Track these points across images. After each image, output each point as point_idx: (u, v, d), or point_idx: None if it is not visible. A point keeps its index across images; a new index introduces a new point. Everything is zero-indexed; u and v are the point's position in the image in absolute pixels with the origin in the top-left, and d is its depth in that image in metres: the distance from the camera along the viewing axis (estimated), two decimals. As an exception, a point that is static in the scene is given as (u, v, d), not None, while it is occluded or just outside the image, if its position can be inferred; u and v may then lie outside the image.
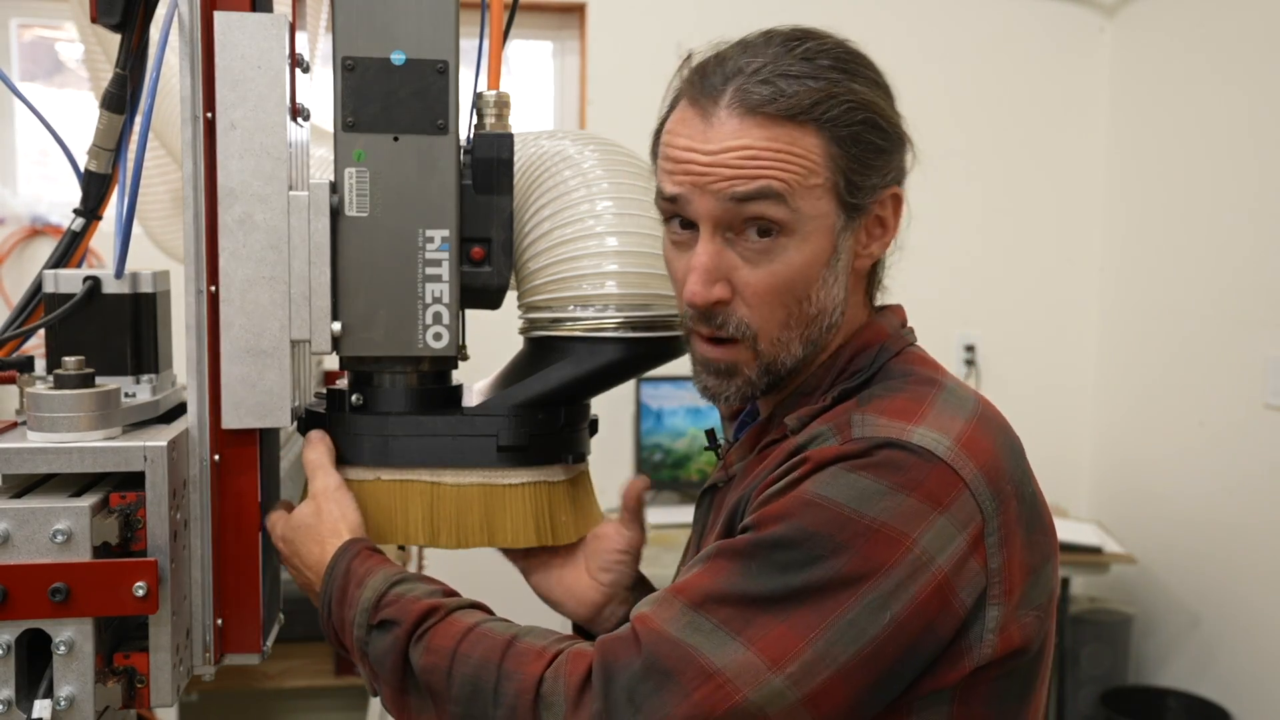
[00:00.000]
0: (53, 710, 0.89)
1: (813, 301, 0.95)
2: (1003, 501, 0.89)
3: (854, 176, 0.94)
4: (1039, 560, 0.93)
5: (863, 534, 0.84)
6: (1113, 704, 3.11)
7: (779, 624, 0.84)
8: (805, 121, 0.92)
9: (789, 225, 0.92)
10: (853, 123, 0.93)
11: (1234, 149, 3.04)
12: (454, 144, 1.02)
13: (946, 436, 0.89)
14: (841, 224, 0.95)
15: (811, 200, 0.93)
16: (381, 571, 0.97)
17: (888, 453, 0.87)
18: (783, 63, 0.93)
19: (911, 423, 0.89)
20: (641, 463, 3.39)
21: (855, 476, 0.86)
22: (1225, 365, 3.03)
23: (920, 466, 0.87)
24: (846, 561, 0.84)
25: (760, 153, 0.91)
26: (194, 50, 0.97)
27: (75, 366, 0.95)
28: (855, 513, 0.85)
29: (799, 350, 0.97)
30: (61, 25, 3.32)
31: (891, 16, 3.40)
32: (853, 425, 0.90)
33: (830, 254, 0.95)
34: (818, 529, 0.85)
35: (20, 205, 3.22)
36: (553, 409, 1.08)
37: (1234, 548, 3.00)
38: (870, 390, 0.95)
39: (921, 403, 0.92)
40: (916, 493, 0.86)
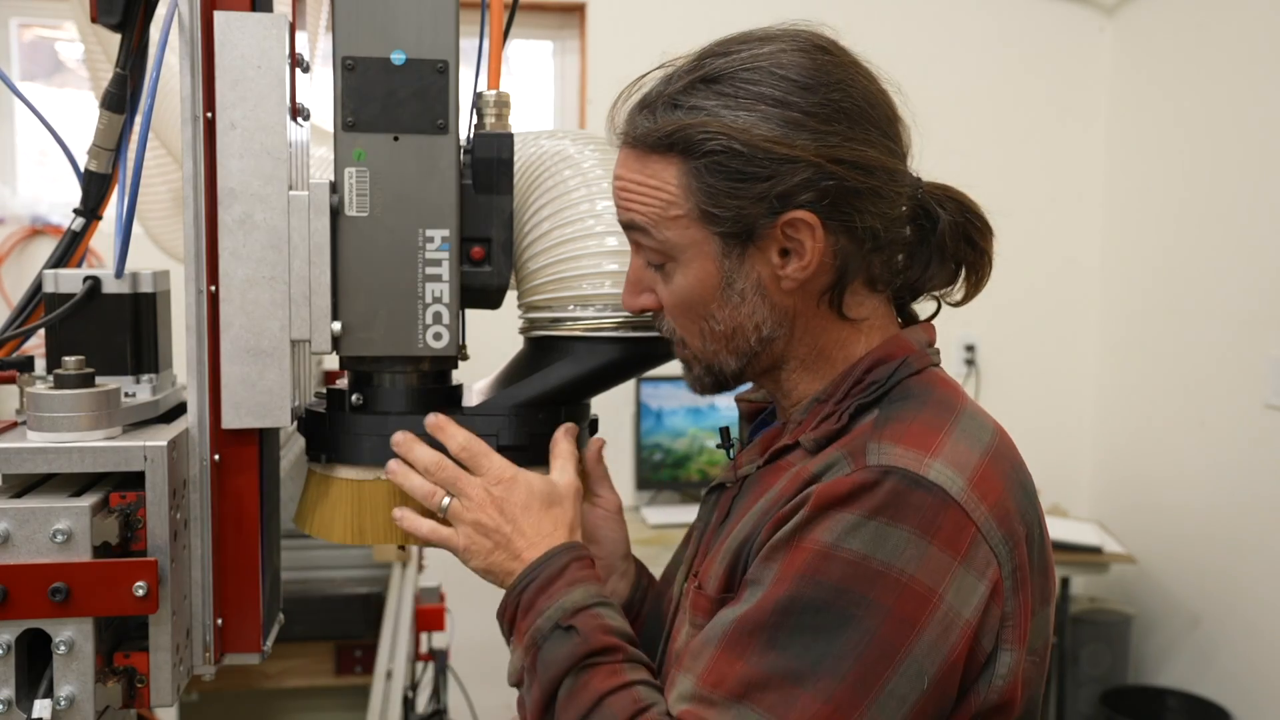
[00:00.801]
0: (53, 710, 0.89)
1: (718, 320, 0.97)
2: (1015, 545, 0.89)
3: (719, 203, 0.93)
4: (1040, 603, 0.93)
5: (892, 589, 0.84)
6: (1113, 704, 3.11)
7: (823, 705, 0.82)
8: (665, 151, 0.94)
9: (666, 254, 0.96)
10: (707, 151, 0.92)
11: (1234, 149, 3.04)
12: (454, 144, 1.02)
13: (961, 475, 0.88)
14: (722, 249, 0.95)
15: (678, 230, 0.95)
16: (595, 585, 0.98)
17: (898, 486, 0.86)
18: (672, 89, 0.95)
19: (928, 454, 0.88)
20: (641, 463, 3.39)
21: (876, 524, 0.85)
22: (1225, 365, 3.03)
23: (935, 508, 0.86)
24: (881, 621, 0.83)
25: (628, 184, 0.97)
26: (194, 50, 0.97)
27: (75, 366, 0.95)
28: (883, 565, 0.84)
29: (731, 361, 0.99)
30: (61, 25, 3.32)
31: (892, 17, 3.40)
32: (868, 453, 0.89)
33: (719, 278, 0.95)
34: (844, 584, 0.84)
35: (20, 205, 3.22)
36: (553, 409, 1.08)
37: (1234, 547, 3.00)
38: (888, 410, 0.94)
39: (938, 431, 0.91)
40: (937, 540, 0.85)
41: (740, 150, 0.92)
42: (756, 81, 0.93)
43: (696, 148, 0.92)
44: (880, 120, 0.96)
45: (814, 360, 1.00)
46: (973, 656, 0.87)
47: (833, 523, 0.86)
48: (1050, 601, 0.95)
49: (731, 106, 0.93)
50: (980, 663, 0.88)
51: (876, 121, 0.96)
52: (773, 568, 0.87)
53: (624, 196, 0.97)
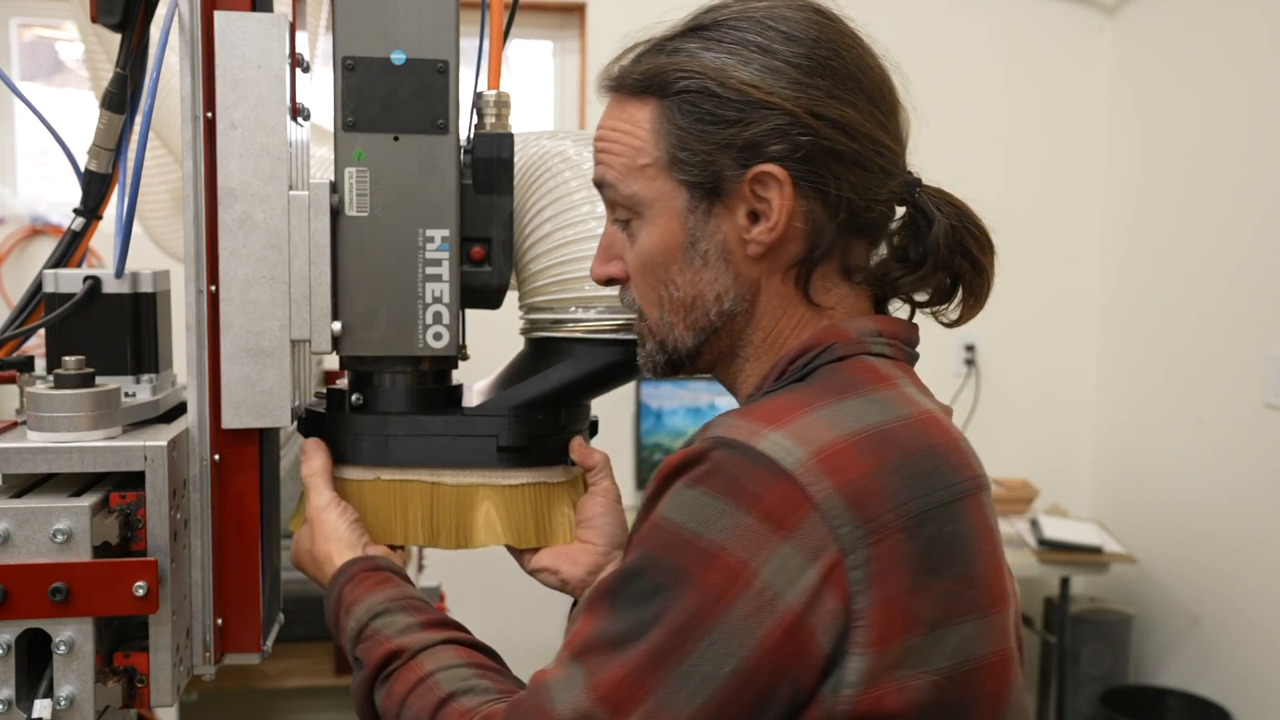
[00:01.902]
0: (53, 710, 0.89)
1: (678, 286, 0.92)
2: (875, 531, 0.77)
3: (681, 151, 0.89)
4: (942, 615, 0.79)
5: (699, 558, 0.78)
6: (1113, 704, 3.11)
7: (621, 668, 0.78)
8: (642, 93, 0.91)
9: (633, 209, 0.93)
10: (681, 90, 0.89)
11: (1234, 149, 3.04)
12: (454, 144, 1.02)
13: (803, 447, 0.79)
14: (687, 205, 0.90)
15: (644, 182, 0.91)
16: (366, 600, 0.97)
17: (722, 456, 0.80)
18: (660, 37, 0.94)
19: (771, 425, 0.80)
20: (641, 463, 3.39)
21: (695, 492, 0.80)
22: (1225, 365, 3.03)
23: (760, 478, 0.78)
24: (685, 591, 0.78)
25: (606, 134, 0.94)
26: (194, 50, 0.97)
27: (75, 366, 0.95)
28: (693, 534, 0.78)
29: (685, 335, 0.93)
30: (61, 25, 3.32)
31: (892, 17, 3.40)
32: (712, 426, 0.84)
33: (682, 236, 0.91)
34: (660, 554, 0.80)
35: (20, 205, 3.22)
36: (553, 410, 1.08)
37: (1234, 547, 3.00)
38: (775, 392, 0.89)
39: (799, 407, 0.83)
40: (756, 510, 0.77)
41: (713, 90, 0.88)
42: (743, 29, 0.90)
43: (670, 86, 0.89)
44: (872, 91, 0.91)
45: (766, 347, 0.93)
46: (805, 653, 0.77)
47: (668, 494, 0.82)
48: (976, 618, 0.81)
49: (713, 49, 0.89)
50: (818, 664, 0.77)
51: (867, 90, 0.91)
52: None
53: (600, 148, 0.95)
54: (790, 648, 0.76)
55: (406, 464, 1.06)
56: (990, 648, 0.82)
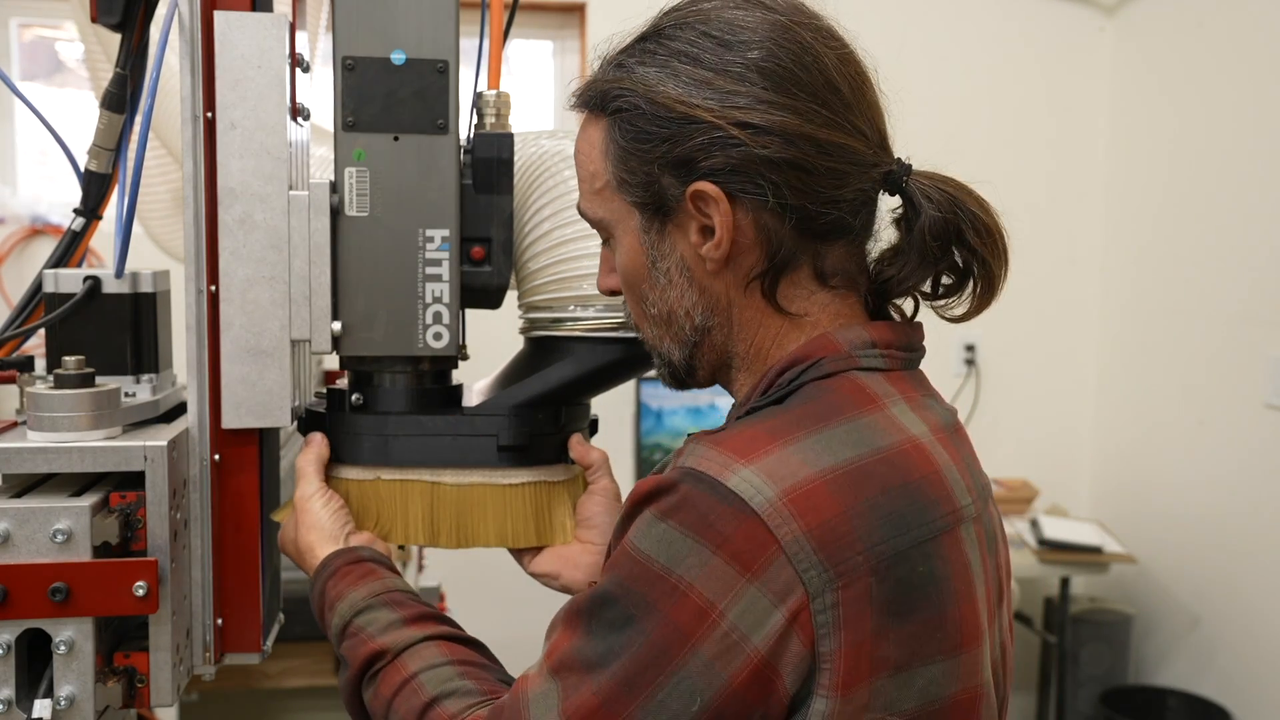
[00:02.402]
0: (53, 710, 0.89)
1: (652, 303, 0.91)
2: (844, 575, 0.76)
3: (623, 171, 0.88)
4: (909, 657, 0.78)
5: (669, 594, 0.77)
6: (1113, 704, 3.11)
7: (593, 695, 0.78)
8: (595, 111, 0.90)
9: (603, 229, 0.93)
10: (618, 109, 0.87)
11: (1234, 149, 3.04)
12: (454, 144, 1.02)
13: (773, 485, 0.77)
14: (641, 224, 0.89)
15: (603, 204, 0.91)
16: (349, 596, 0.97)
17: (691, 491, 0.78)
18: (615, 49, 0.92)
19: (742, 460, 0.78)
20: (641, 463, 3.39)
21: (664, 526, 0.78)
22: (1225, 365, 3.03)
23: (728, 518, 0.76)
24: (656, 625, 0.77)
25: (575, 155, 0.94)
26: (194, 50, 0.97)
27: (75, 366, 0.95)
28: (663, 569, 0.77)
29: (674, 349, 0.92)
30: (61, 25, 3.32)
31: (892, 17, 3.40)
32: (685, 454, 0.82)
33: (643, 255, 0.90)
34: (631, 584, 0.79)
35: (20, 205, 3.22)
36: (553, 409, 1.08)
37: (1234, 547, 3.00)
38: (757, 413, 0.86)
39: (776, 439, 0.80)
40: (723, 551, 0.76)
41: (643, 108, 0.85)
42: (677, 38, 0.86)
43: (609, 105, 0.88)
44: (818, 89, 0.85)
45: (753, 359, 0.91)
46: (772, 693, 0.76)
47: (638, 521, 0.81)
48: (945, 660, 0.80)
49: (647, 64, 0.87)
50: (784, 704, 0.77)
51: (811, 88, 0.84)
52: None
53: (576, 166, 0.94)
54: (758, 689, 0.76)
55: (406, 464, 1.06)
56: (958, 687, 0.81)
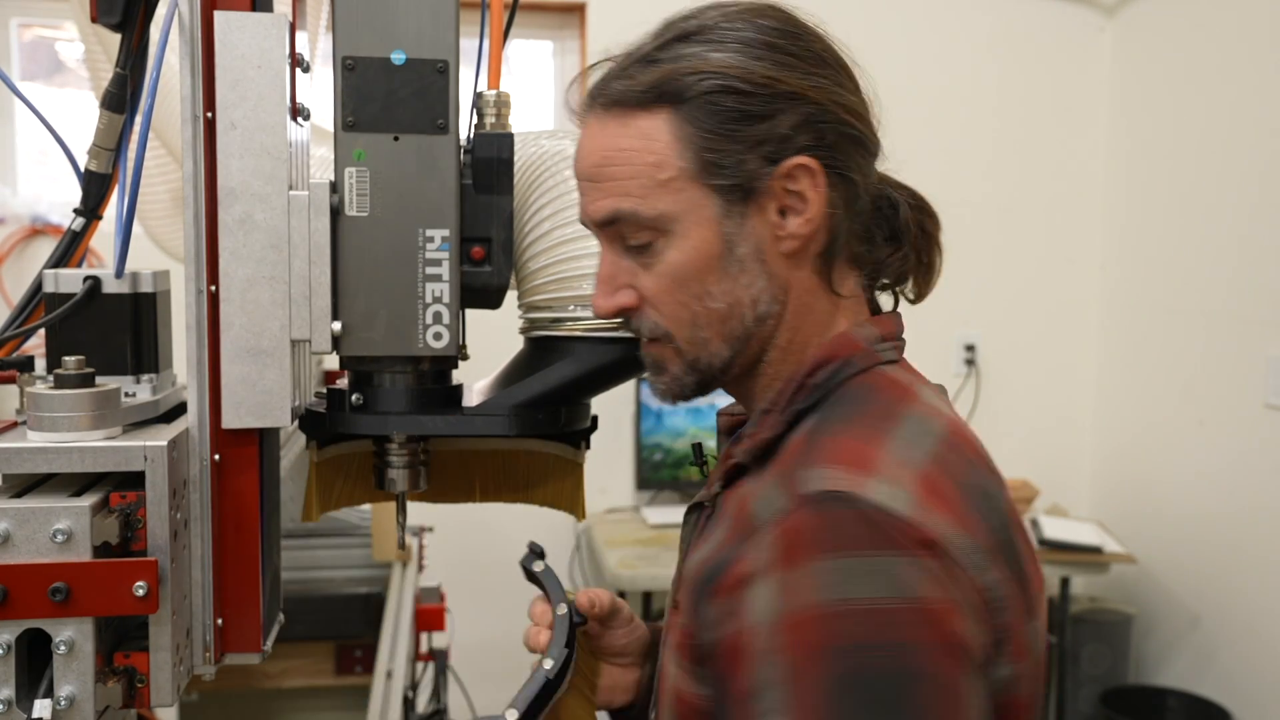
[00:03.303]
0: (53, 710, 0.89)
1: (715, 297, 0.89)
2: (988, 553, 0.80)
3: (711, 154, 0.86)
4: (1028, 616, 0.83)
5: (915, 619, 0.74)
6: (1113, 704, 3.11)
7: None
8: (651, 104, 0.87)
9: (658, 229, 0.88)
10: (702, 92, 0.86)
11: (1234, 148, 3.04)
12: (454, 143, 1.02)
13: (905, 489, 0.78)
14: (722, 211, 0.87)
15: (672, 195, 0.87)
16: None
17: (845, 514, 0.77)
18: (645, 49, 0.90)
19: (864, 473, 0.79)
20: (641, 463, 3.39)
21: (853, 562, 0.75)
22: (1225, 365, 3.03)
23: (894, 525, 0.77)
24: (928, 653, 0.74)
25: (610, 156, 0.89)
26: (194, 50, 0.97)
27: (75, 366, 0.95)
28: (889, 600, 0.74)
29: (723, 349, 0.90)
30: (61, 25, 3.32)
31: (892, 16, 3.40)
32: (800, 481, 0.80)
33: (719, 245, 0.88)
34: (872, 639, 0.74)
35: (20, 205, 3.22)
36: (553, 409, 1.08)
37: (1234, 547, 3.00)
38: (822, 422, 0.86)
39: (873, 444, 0.82)
40: (918, 553, 0.76)
41: (737, 87, 0.85)
42: (738, 30, 0.88)
43: (688, 90, 0.86)
44: (856, 80, 0.92)
45: (791, 350, 0.91)
46: (985, 672, 0.79)
47: (817, 578, 0.75)
48: (1037, 614, 0.85)
49: (718, 50, 0.86)
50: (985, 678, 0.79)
51: (854, 79, 0.92)
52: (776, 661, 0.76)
53: (606, 174, 0.89)
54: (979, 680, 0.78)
55: None
56: (1040, 644, 0.86)
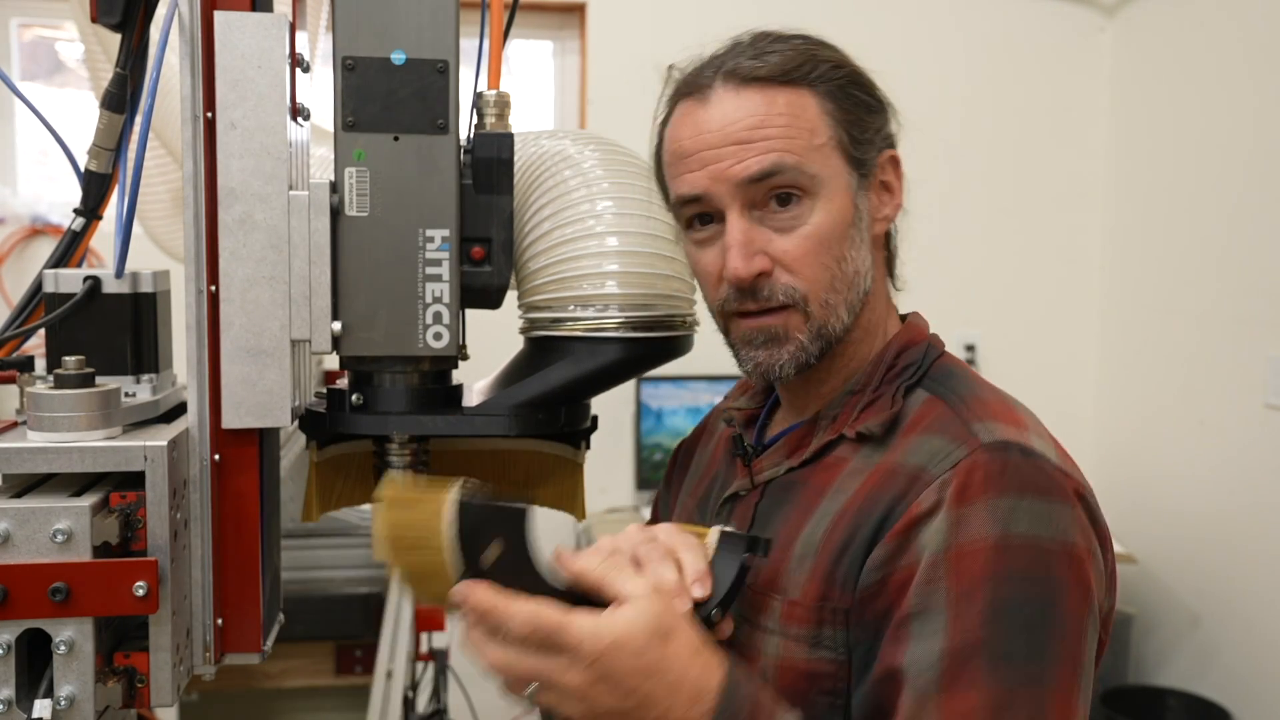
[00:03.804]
0: (53, 710, 0.89)
1: (849, 260, 0.97)
2: (1099, 507, 0.92)
3: (853, 130, 0.97)
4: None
5: (1065, 561, 0.84)
6: (1113, 704, 3.11)
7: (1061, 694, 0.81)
8: (797, 81, 0.95)
9: (809, 189, 0.95)
10: (839, 79, 0.96)
11: (1234, 149, 3.04)
12: (454, 144, 1.02)
13: (1050, 446, 0.91)
14: (855, 183, 0.97)
15: (821, 160, 0.95)
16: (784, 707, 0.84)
17: (1022, 461, 0.87)
18: (761, 44, 0.98)
19: (1022, 429, 0.91)
20: (641, 463, 3.39)
21: (1028, 502, 0.85)
22: (1225, 365, 3.03)
23: (1055, 476, 0.88)
24: (1067, 595, 0.84)
25: (765, 119, 0.94)
26: (194, 50, 0.97)
27: (75, 366, 0.95)
28: (1050, 540, 0.85)
29: (844, 314, 0.97)
30: (61, 25, 3.32)
31: (892, 17, 3.40)
32: (976, 432, 0.90)
33: (852, 212, 0.97)
34: (1034, 571, 0.83)
35: (20, 205, 3.22)
36: (553, 409, 1.08)
37: (1234, 547, 3.00)
38: (945, 389, 0.96)
39: (1011, 407, 0.95)
40: (1071, 501, 0.87)
41: (862, 81, 0.98)
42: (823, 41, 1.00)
43: (826, 76, 0.95)
44: None
45: (869, 332, 1.01)
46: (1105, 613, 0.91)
47: (988, 512, 0.85)
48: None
49: (830, 50, 0.99)
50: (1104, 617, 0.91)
51: None
52: (940, 587, 0.83)
53: (765, 132, 0.94)
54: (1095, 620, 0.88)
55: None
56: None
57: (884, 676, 0.85)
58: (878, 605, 0.88)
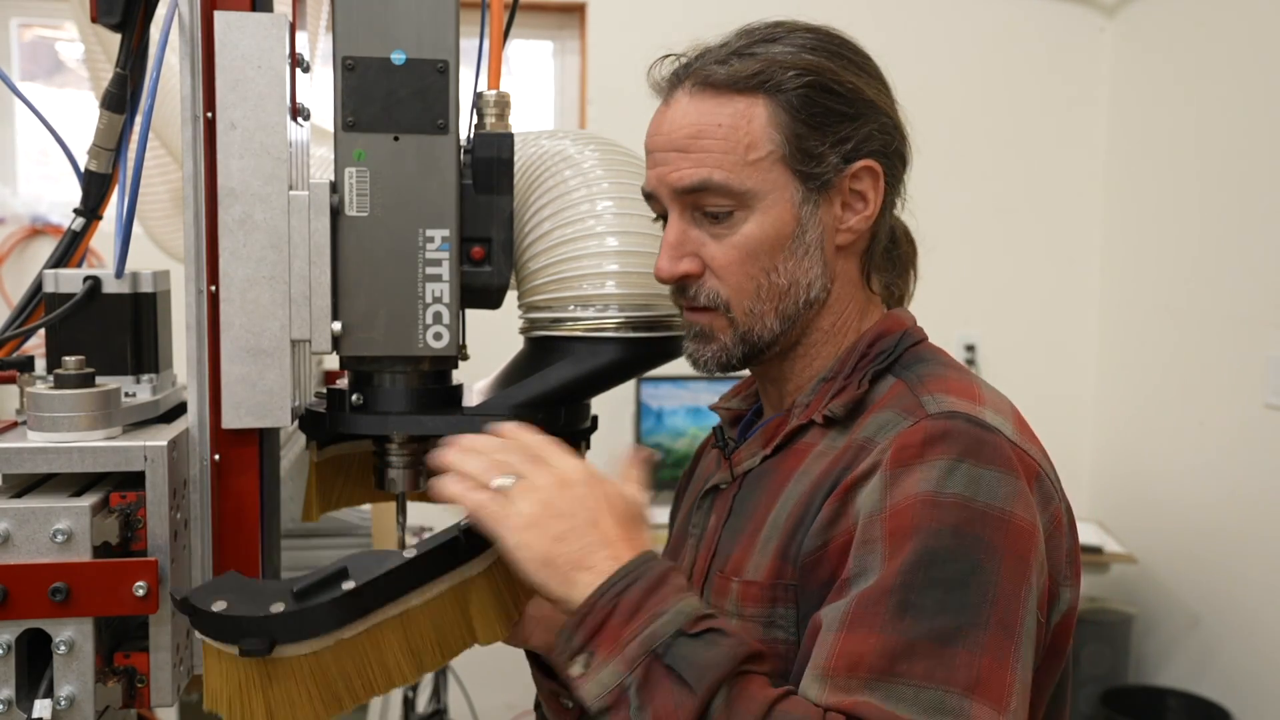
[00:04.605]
0: (53, 710, 0.89)
1: (780, 273, 0.96)
2: (1059, 483, 0.92)
3: (806, 143, 0.94)
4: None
5: (999, 528, 0.82)
6: (1113, 704, 3.11)
7: (982, 656, 0.78)
8: (751, 89, 0.94)
9: (741, 202, 0.95)
10: (800, 86, 0.94)
11: (1234, 149, 3.04)
12: (454, 144, 1.02)
13: (1007, 421, 0.90)
14: (801, 196, 0.95)
15: (758, 174, 0.94)
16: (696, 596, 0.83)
17: (969, 429, 0.86)
18: (740, 44, 0.97)
19: (976, 403, 0.90)
20: (641, 463, 3.39)
21: (966, 466, 0.84)
22: (1225, 365, 3.03)
23: (1005, 448, 0.86)
24: (1000, 561, 0.81)
25: (704, 129, 0.95)
26: (194, 50, 0.97)
27: (75, 366, 0.95)
28: (985, 505, 0.82)
29: (774, 323, 0.98)
30: (61, 25, 3.32)
31: (892, 16, 3.40)
32: (924, 404, 0.90)
33: (793, 227, 0.96)
34: (961, 528, 0.81)
35: (20, 205, 3.22)
36: (553, 409, 1.08)
37: (1234, 547, 3.00)
38: (910, 372, 0.95)
39: (971, 384, 0.94)
40: (1018, 474, 0.85)
41: (830, 87, 0.95)
42: (820, 39, 0.98)
43: (787, 83, 0.94)
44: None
45: (833, 333, 1.01)
46: (1053, 597, 0.88)
47: (923, 471, 0.84)
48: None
49: (808, 53, 0.96)
50: (1052, 602, 0.88)
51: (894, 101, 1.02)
52: (876, 548, 0.82)
53: (697, 146, 0.95)
54: (1048, 596, 0.87)
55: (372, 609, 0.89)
56: None
57: (811, 629, 0.85)
58: (820, 574, 0.88)
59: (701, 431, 3.37)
